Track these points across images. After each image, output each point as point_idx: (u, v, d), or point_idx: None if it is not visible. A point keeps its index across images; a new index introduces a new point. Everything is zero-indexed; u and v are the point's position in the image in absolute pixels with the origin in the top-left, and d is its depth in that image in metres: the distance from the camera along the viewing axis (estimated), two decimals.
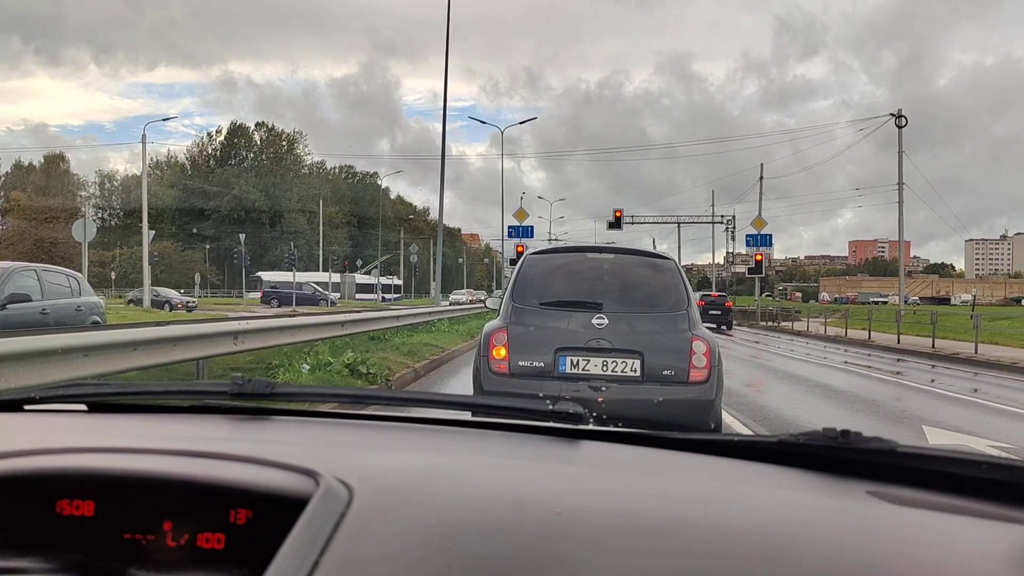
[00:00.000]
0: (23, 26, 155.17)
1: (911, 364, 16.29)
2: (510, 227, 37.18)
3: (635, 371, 4.95)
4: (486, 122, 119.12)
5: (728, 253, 61.99)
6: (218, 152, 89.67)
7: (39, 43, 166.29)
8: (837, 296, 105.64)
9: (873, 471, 0.87)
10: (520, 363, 5.01)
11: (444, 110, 28.18)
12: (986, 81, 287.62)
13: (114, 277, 62.16)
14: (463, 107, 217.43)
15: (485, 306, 10.97)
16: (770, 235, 40.39)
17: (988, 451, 6.08)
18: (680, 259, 33.84)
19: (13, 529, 0.82)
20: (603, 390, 4.88)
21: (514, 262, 22.50)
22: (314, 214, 76.20)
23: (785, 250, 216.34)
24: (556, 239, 57.09)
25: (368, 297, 62.20)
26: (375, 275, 67.69)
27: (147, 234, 35.83)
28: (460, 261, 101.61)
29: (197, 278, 54.35)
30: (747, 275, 51.09)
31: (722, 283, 58.52)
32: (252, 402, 1.12)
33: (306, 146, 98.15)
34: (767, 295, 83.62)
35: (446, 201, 31.26)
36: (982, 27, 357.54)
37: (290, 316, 12.50)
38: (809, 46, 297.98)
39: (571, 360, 4.99)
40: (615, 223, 37.63)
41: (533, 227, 38.09)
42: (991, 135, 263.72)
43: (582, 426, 1.05)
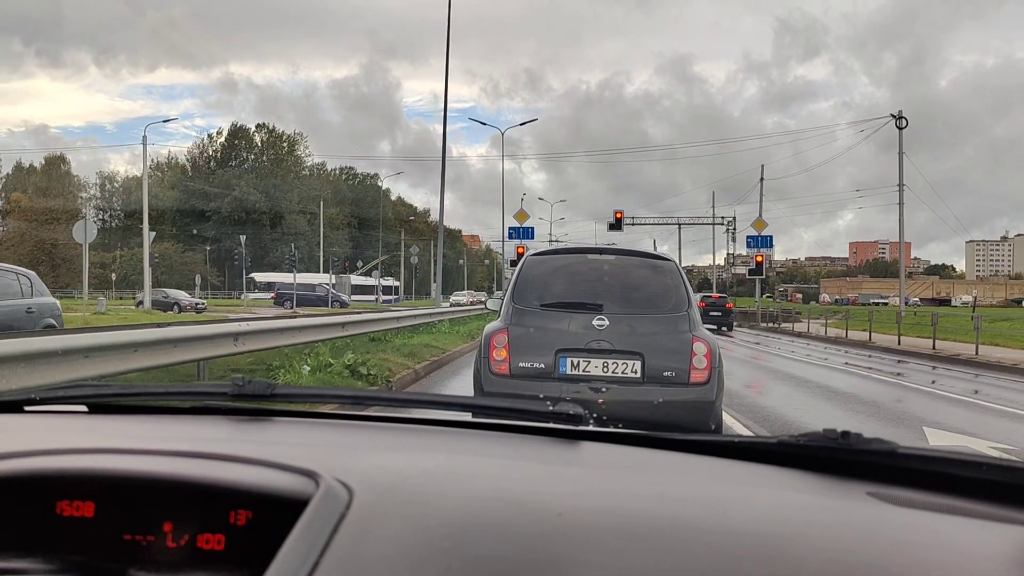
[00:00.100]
0: (24, 28, 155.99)
1: (912, 365, 16.27)
2: (511, 228, 37.18)
3: (636, 372, 4.94)
4: (486, 123, 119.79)
5: (729, 254, 62.08)
6: (219, 153, 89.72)
7: (40, 45, 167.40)
8: (838, 297, 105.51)
9: (874, 472, 0.87)
10: (521, 364, 5.00)
11: (445, 111, 28.21)
12: (987, 82, 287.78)
13: (115, 278, 62.19)
14: (464, 108, 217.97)
15: (485, 307, 10.97)
16: (771, 236, 40.39)
17: (989, 452, 6.08)
18: (681, 260, 33.83)
19: (14, 530, 0.82)
20: (603, 391, 4.88)
21: (515, 263, 22.48)
22: (315, 215, 76.16)
23: (786, 251, 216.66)
24: (557, 240, 57.16)
25: (365, 299, 61.59)
26: (376, 276, 67.59)
27: (148, 235, 35.90)
28: (461, 262, 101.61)
29: (198, 279, 54.37)
30: (748, 276, 51.05)
31: (723, 284, 58.48)
32: (252, 403, 1.12)
33: (307, 147, 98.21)
34: (768, 296, 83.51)
35: (447, 202, 31.27)
36: (983, 28, 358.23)
37: (290, 317, 12.51)
38: (810, 47, 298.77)
39: (571, 361, 4.98)
40: (616, 224, 37.57)
41: (534, 228, 38.09)
42: (992, 136, 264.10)
43: (582, 427, 1.05)
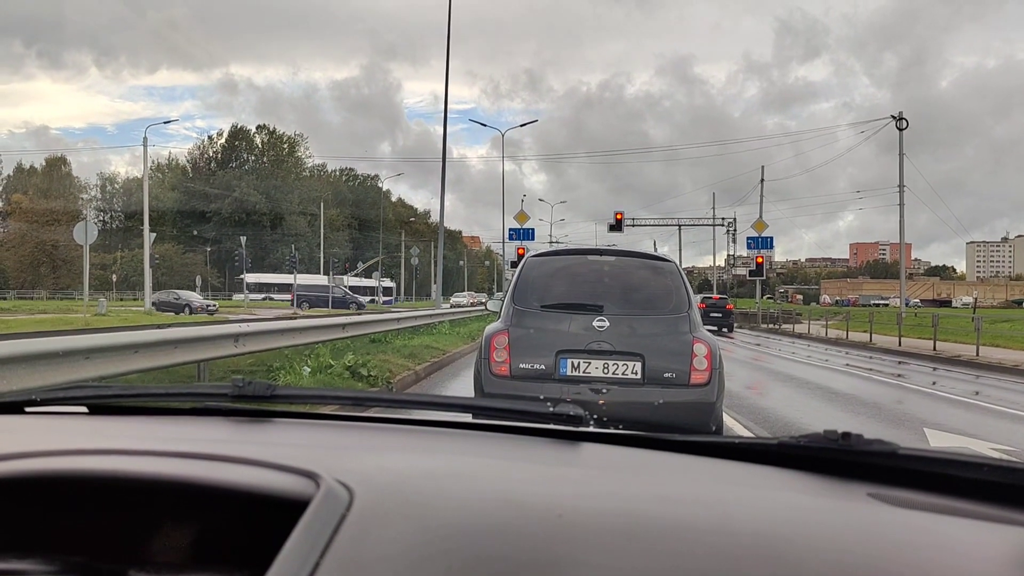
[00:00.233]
0: (25, 30, 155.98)
1: (912, 366, 16.26)
2: (511, 229, 37.15)
3: (636, 373, 4.94)
4: (487, 125, 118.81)
5: (729, 255, 62.12)
6: (219, 155, 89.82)
7: (41, 46, 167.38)
8: (838, 298, 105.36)
9: (874, 473, 0.87)
10: (521, 365, 5.00)
11: (445, 113, 28.17)
12: (988, 83, 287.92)
13: (115, 279, 62.22)
14: (464, 110, 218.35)
15: (486, 308, 10.96)
16: (771, 237, 40.33)
17: (989, 454, 6.07)
18: (681, 261, 33.87)
19: (14, 530, 0.82)
20: (604, 392, 4.88)
21: (515, 264, 22.48)
22: (315, 217, 76.18)
23: (786, 252, 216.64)
24: (557, 241, 57.11)
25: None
26: (376, 277, 67.51)
27: (148, 237, 35.90)
28: (461, 264, 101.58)
29: (198, 280, 54.40)
30: (748, 277, 51.02)
31: (723, 285, 58.51)
32: (253, 404, 1.12)
33: (307, 149, 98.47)
34: (768, 297, 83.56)
35: (447, 204, 31.28)
36: (984, 29, 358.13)
37: (291, 318, 12.51)
38: (811, 48, 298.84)
39: (572, 362, 4.98)
40: (616, 225, 37.55)
41: (534, 229, 38.03)
42: (992, 137, 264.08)
43: (583, 428, 1.05)
